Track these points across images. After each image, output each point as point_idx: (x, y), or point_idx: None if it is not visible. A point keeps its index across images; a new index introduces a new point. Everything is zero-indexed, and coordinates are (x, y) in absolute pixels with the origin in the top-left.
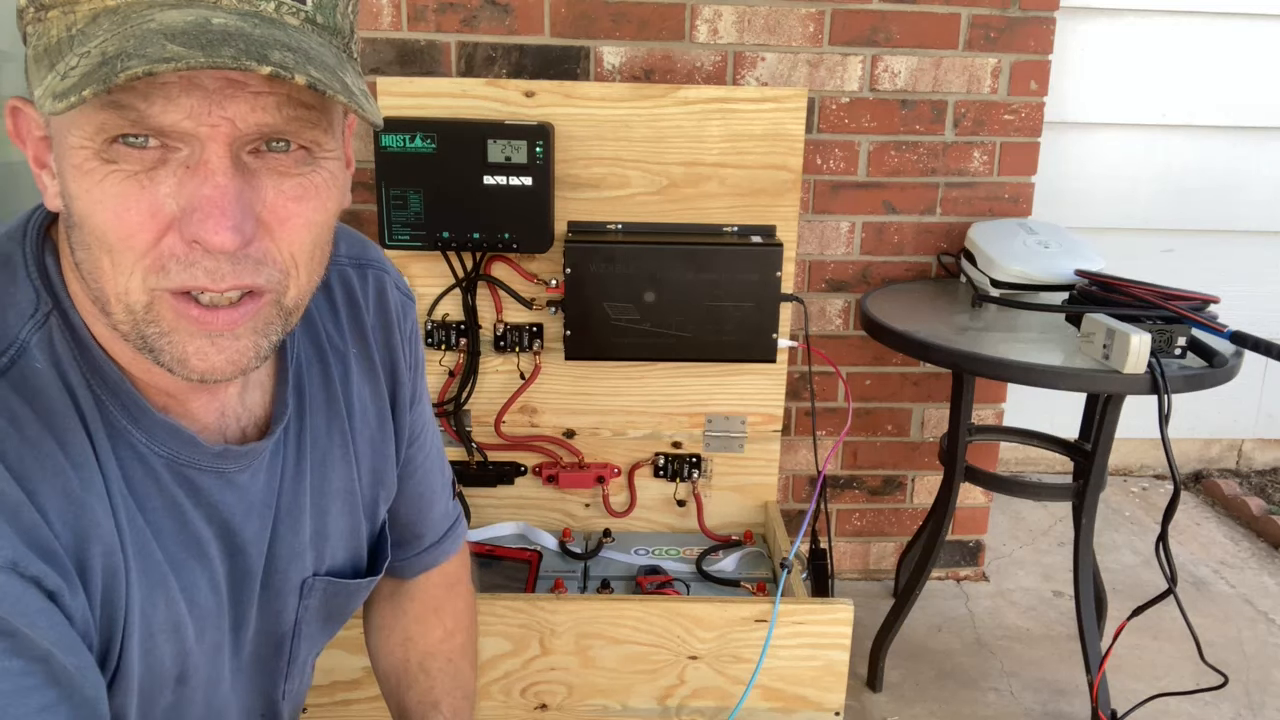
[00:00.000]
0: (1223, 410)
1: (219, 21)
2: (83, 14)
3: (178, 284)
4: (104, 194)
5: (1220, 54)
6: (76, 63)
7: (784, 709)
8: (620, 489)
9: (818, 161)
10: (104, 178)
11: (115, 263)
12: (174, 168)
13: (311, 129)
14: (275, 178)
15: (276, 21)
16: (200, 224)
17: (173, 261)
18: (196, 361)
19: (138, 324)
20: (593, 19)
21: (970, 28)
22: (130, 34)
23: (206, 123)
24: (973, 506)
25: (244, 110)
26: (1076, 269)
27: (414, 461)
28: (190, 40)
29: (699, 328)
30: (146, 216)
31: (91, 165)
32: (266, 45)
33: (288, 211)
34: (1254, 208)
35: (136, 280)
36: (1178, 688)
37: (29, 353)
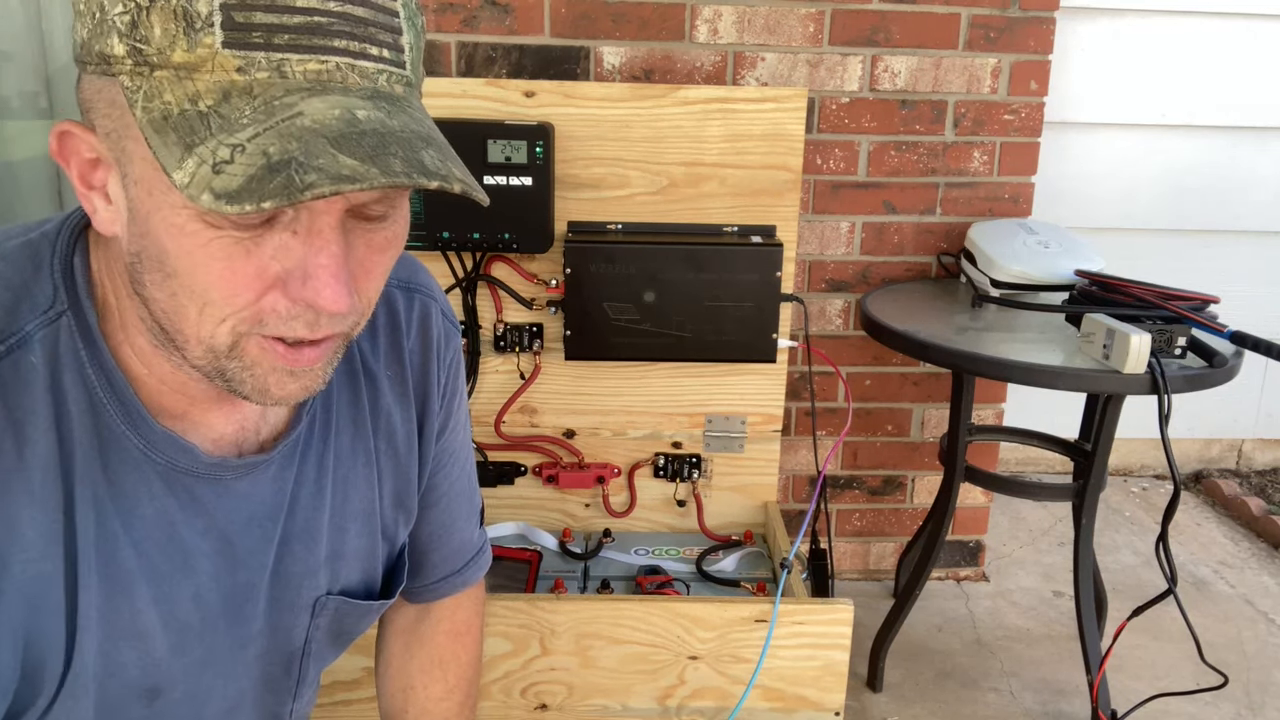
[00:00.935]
0: (1223, 410)
1: (364, 115)
2: (206, 87)
3: (274, 334)
4: (208, 256)
5: (1220, 54)
6: (230, 156)
7: (784, 709)
8: (620, 489)
9: (818, 161)
10: (208, 241)
11: (206, 314)
12: (279, 230)
13: (402, 192)
14: (365, 235)
15: (394, 98)
16: (316, 292)
17: (272, 316)
18: (276, 391)
19: (218, 360)
20: (593, 19)
21: (970, 28)
22: (287, 132)
23: (325, 199)
24: (973, 506)
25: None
26: (1076, 269)
27: (438, 489)
28: (354, 147)
29: (699, 328)
30: (252, 278)
31: (195, 228)
32: (414, 145)
33: (373, 262)
34: (1254, 208)
35: (226, 327)
36: (1178, 688)
37: (29, 345)
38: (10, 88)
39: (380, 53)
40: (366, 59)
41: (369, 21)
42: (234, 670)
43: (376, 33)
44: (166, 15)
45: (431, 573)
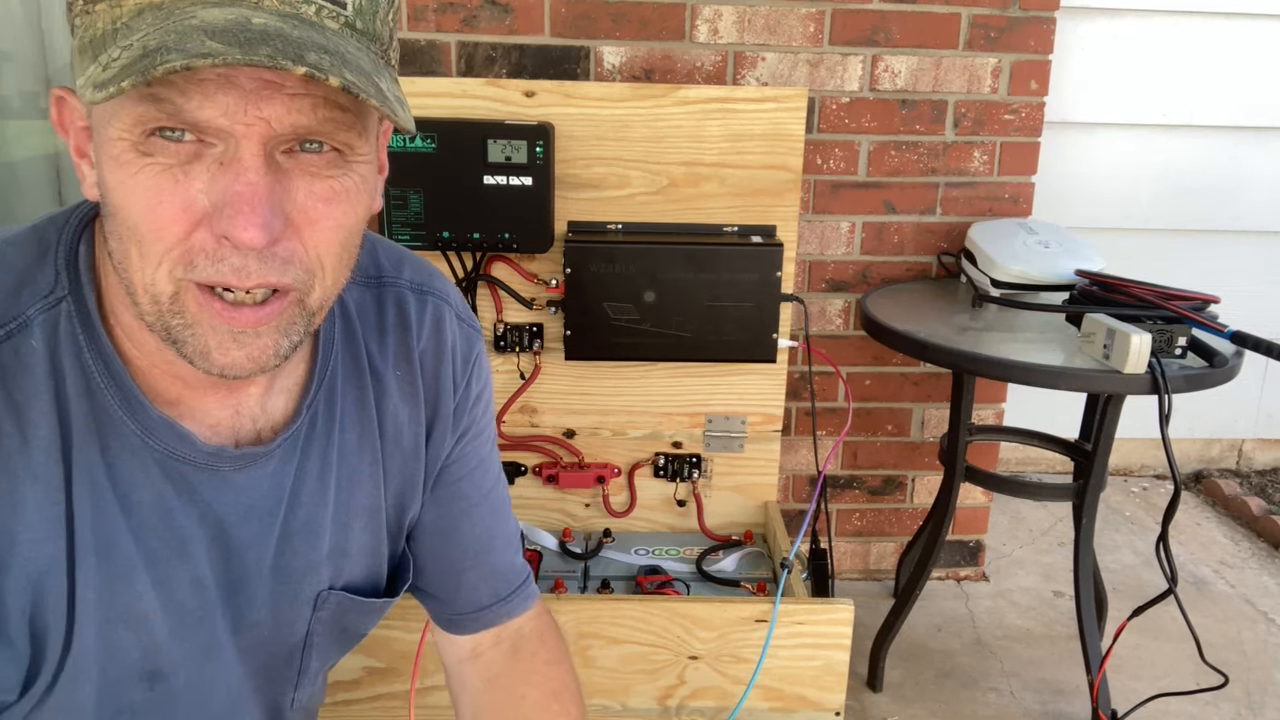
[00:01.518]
0: (1223, 410)
1: (259, 22)
2: (129, 9)
3: (204, 278)
4: (138, 185)
5: (1220, 54)
6: (119, 54)
7: (784, 709)
8: (620, 489)
9: (818, 161)
10: (139, 170)
11: (144, 254)
12: (208, 163)
13: (345, 131)
14: (307, 179)
15: (316, 25)
16: (230, 220)
17: (201, 256)
18: (218, 356)
19: (162, 314)
20: (593, 19)
21: (970, 28)
22: (171, 29)
23: (242, 121)
24: (973, 506)
25: (279, 111)
26: (1076, 269)
27: (468, 497)
28: (229, 38)
29: (699, 328)
30: (179, 210)
31: (128, 157)
32: (303, 47)
33: (317, 213)
34: (1254, 208)
35: (164, 271)
36: (1178, 688)
37: (29, 330)
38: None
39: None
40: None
41: None
42: (234, 657)
43: None
44: None
45: (472, 594)
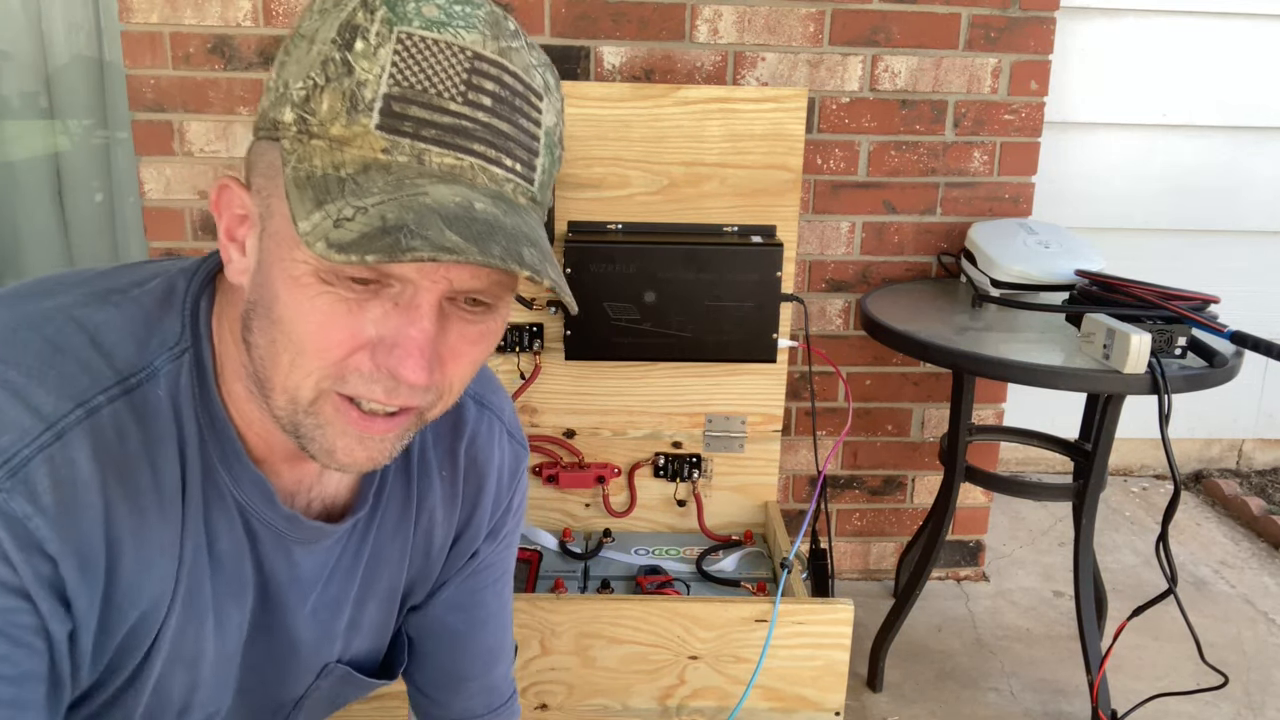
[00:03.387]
0: (1223, 410)
1: (481, 207)
2: (351, 159)
3: (352, 393)
4: (314, 308)
5: (1220, 54)
6: (353, 215)
7: (784, 709)
8: (620, 489)
9: (818, 161)
10: (317, 294)
11: (296, 364)
12: (384, 300)
13: (505, 291)
14: (461, 323)
15: (514, 204)
16: (400, 360)
17: (355, 374)
18: (343, 455)
19: (297, 414)
20: (593, 19)
21: (970, 28)
22: (408, 205)
23: (430, 278)
24: (973, 506)
25: (464, 276)
26: (1076, 269)
27: (487, 606)
28: (464, 229)
29: (699, 328)
30: (347, 336)
31: (309, 281)
32: (519, 240)
33: (462, 351)
34: (1254, 208)
35: (312, 381)
36: (1178, 688)
37: (157, 379)
38: (10, 88)
39: (513, 165)
40: (499, 166)
41: (510, 136)
42: (233, 701)
43: (514, 148)
44: (336, 95)
45: (468, 703)
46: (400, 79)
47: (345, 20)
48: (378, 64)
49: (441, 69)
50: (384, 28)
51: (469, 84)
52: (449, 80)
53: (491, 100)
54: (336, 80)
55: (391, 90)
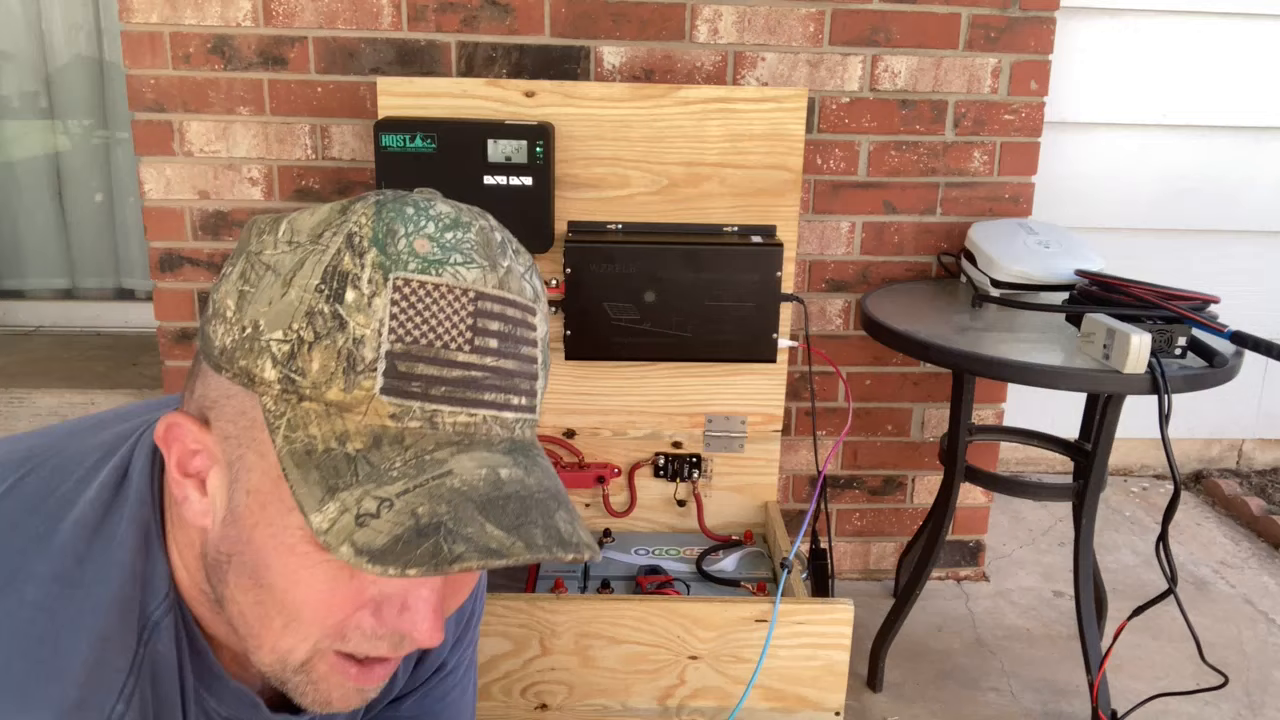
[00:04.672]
0: (1223, 410)
1: (506, 474)
2: (356, 429)
3: (354, 651)
4: (312, 580)
5: (1220, 54)
6: (377, 509)
7: (784, 709)
8: (620, 489)
9: (818, 161)
10: (316, 565)
11: (290, 628)
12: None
13: None
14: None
15: (527, 448)
16: (414, 624)
17: (356, 633)
18: (339, 704)
19: (286, 671)
20: (593, 19)
21: (970, 28)
22: (437, 493)
23: None
24: (973, 506)
25: None
26: (1076, 269)
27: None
28: (499, 515)
29: (699, 328)
30: (349, 603)
31: (305, 549)
32: (549, 509)
33: (464, 584)
34: (1254, 208)
35: (308, 645)
36: (1178, 688)
37: (159, 634)
38: (10, 88)
39: (520, 401)
40: (509, 409)
41: (515, 373)
42: None
43: (520, 382)
44: (329, 354)
45: None
46: (402, 333)
47: (331, 266)
48: (375, 318)
49: (445, 317)
50: (377, 274)
51: (474, 328)
52: (454, 329)
53: (497, 341)
54: (328, 336)
55: (394, 347)
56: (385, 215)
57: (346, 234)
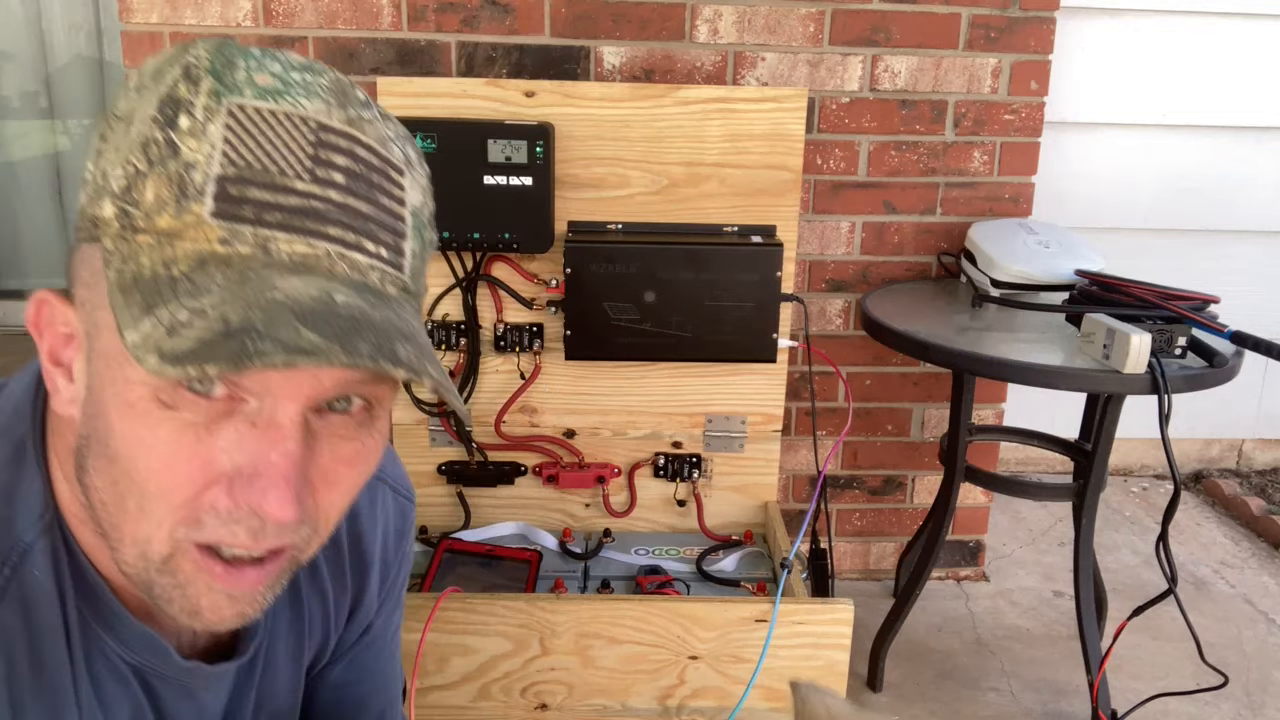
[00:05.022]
0: (1223, 410)
1: (343, 300)
2: (184, 254)
3: (211, 539)
4: (155, 440)
5: (1220, 54)
6: (187, 319)
7: (784, 709)
8: (620, 489)
9: (818, 161)
10: (159, 423)
11: (144, 509)
12: (238, 421)
13: (380, 385)
14: (333, 441)
15: (383, 295)
16: (263, 494)
17: (211, 515)
18: (209, 615)
19: (149, 572)
20: (593, 19)
21: (970, 28)
22: (255, 302)
23: (288, 388)
24: (973, 506)
25: (328, 384)
26: (1076, 269)
27: (376, 673)
28: (323, 326)
29: (699, 328)
30: (196, 470)
31: (146, 407)
32: (390, 335)
33: (338, 475)
34: (1254, 208)
35: (164, 531)
36: (1178, 688)
37: (31, 557)
38: (10, 88)
39: (377, 250)
40: (361, 252)
41: (370, 218)
42: None
43: (377, 230)
44: (161, 181)
45: None
46: (235, 158)
47: (166, 94)
48: (207, 142)
49: (282, 143)
50: (211, 100)
51: (315, 159)
52: (292, 156)
53: (344, 177)
54: (160, 164)
55: (226, 171)
56: (226, 50)
57: (184, 65)
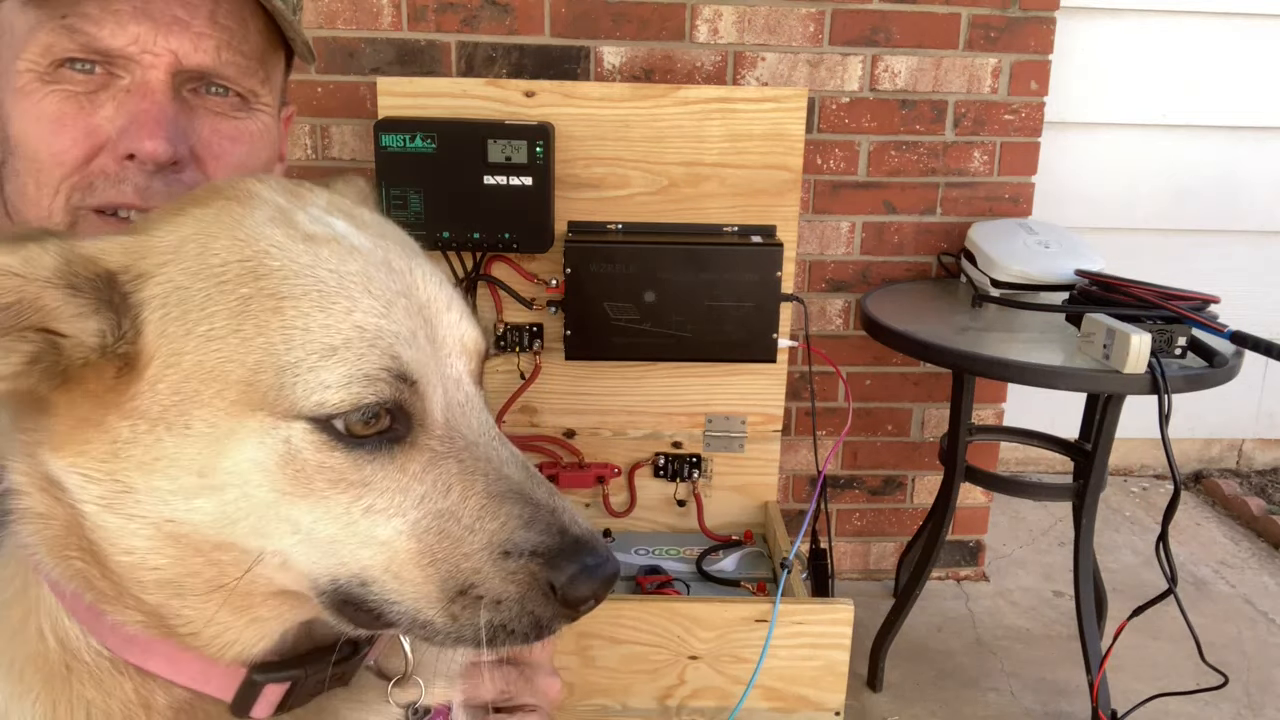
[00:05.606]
0: (1223, 410)
1: None
2: None
3: (104, 201)
4: (41, 112)
5: (1220, 54)
6: None
7: (784, 709)
8: (620, 489)
9: (818, 161)
10: (44, 97)
11: (40, 184)
12: (115, 92)
13: (249, 78)
14: (212, 117)
15: None
16: (135, 135)
17: (101, 179)
18: None
19: None
20: (593, 19)
21: (970, 28)
22: None
23: (151, 50)
24: (973, 506)
25: (187, 47)
26: (1076, 269)
27: None
28: None
29: (699, 328)
30: (81, 134)
31: (33, 86)
32: None
33: (222, 149)
34: (1254, 208)
35: (60, 200)
36: (1178, 688)
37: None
38: None
39: None
40: None
41: None
42: None
43: None
44: None
45: None
46: None
47: None
48: None
49: None
50: None
51: None
52: None
53: None
54: None
55: None
56: None
57: None
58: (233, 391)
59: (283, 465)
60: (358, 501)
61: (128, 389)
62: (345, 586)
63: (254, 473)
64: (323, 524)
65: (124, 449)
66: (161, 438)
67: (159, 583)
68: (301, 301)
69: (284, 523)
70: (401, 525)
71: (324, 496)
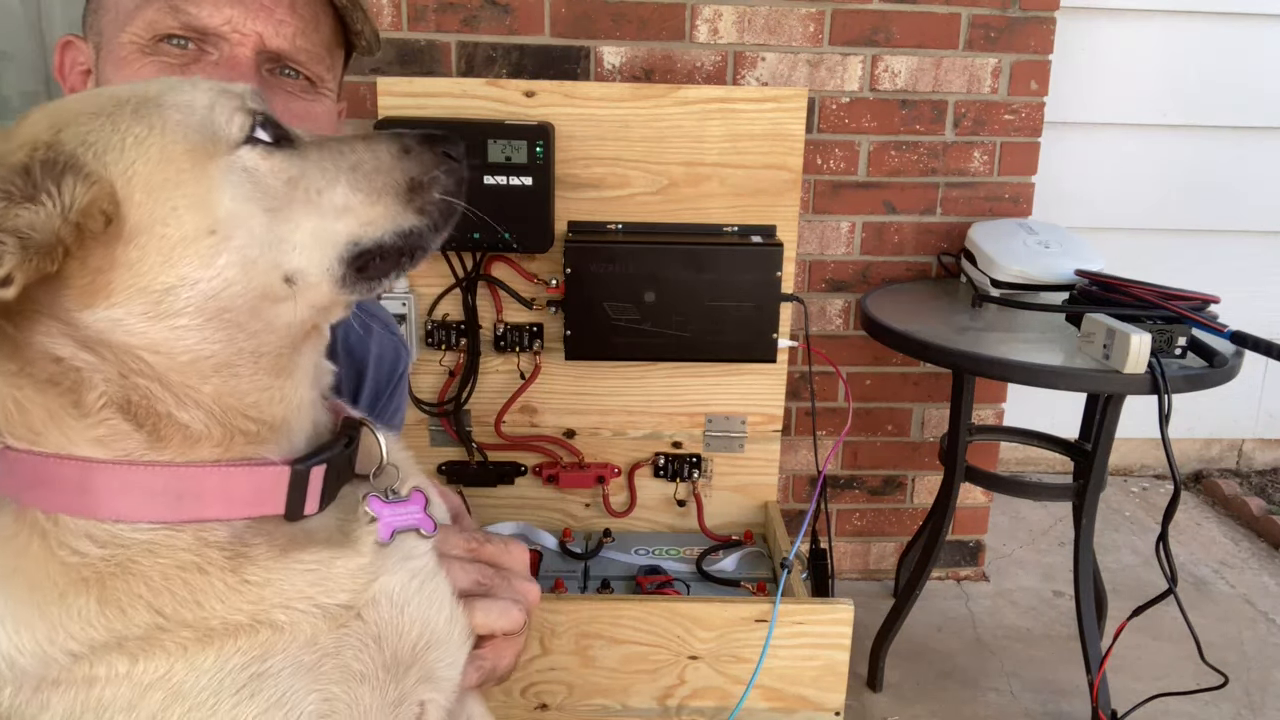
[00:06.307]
0: (1223, 410)
1: None
2: None
3: None
4: (139, 78)
5: (1220, 54)
6: None
7: (784, 709)
8: (620, 489)
9: (818, 161)
10: (142, 66)
11: None
12: (205, 65)
13: (318, 64)
14: (284, 96)
15: None
16: None
17: None
18: None
19: None
20: (593, 19)
21: (970, 28)
22: None
23: (240, 30)
24: (973, 506)
25: (270, 30)
26: (1076, 269)
27: None
28: None
29: (699, 328)
30: None
31: (134, 57)
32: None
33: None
34: (1254, 208)
35: None
36: (1178, 688)
37: None
38: (10, 88)
39: None
40: None
41: None
42: None
43: None
44: None
45: None
46: None
47: None
48: None
49: None
50: None
51: None
52: None
53: None
54: None
55: None
56: None
57: None
58: (186, 160)
59: (254, 184)
60: (309, 190)
61: (118, 220)
62: (347, 255)
63: (242, 203)
64: (304, 222)
65: (141, 262)
66: (164, 231)
67: (216, 366)
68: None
69: (283, 243)
70: (342, 188)
71: (290, 199)
